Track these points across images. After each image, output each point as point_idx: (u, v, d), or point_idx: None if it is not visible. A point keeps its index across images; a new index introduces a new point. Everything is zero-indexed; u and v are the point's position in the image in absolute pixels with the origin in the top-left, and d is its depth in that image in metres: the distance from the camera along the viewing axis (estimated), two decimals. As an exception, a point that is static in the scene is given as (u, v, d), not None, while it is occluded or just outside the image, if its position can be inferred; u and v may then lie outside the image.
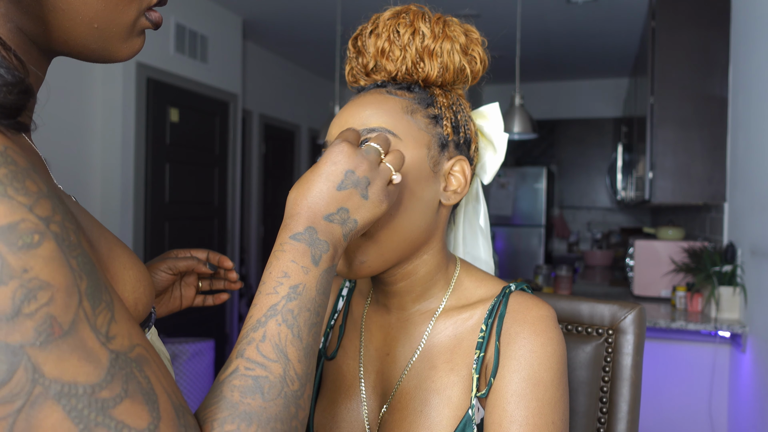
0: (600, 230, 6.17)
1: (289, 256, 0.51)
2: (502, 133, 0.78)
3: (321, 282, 0.52)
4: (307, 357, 0.49)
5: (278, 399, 0.45)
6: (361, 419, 0.72)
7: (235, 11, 4.21)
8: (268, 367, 0.46)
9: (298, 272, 0.51)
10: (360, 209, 0.56)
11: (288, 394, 0.46)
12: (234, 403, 0.44)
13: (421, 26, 0.70)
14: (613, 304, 0.84)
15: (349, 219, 0.55)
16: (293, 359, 0.47)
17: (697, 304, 2.59)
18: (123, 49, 0.55)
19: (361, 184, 0.56)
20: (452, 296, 0.74)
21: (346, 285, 0.84)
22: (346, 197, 0.55)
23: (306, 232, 0.53)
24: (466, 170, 0.72)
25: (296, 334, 0.49)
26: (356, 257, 0.66)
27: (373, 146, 0.59)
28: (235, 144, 4.26)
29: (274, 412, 0.45)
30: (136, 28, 0.55)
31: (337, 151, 0.56)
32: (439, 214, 0.71)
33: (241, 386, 0.45)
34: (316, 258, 0.52)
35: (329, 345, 0.80)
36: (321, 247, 0.53)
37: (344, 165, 0.55)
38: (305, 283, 0.51)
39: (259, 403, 0.44)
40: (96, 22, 0.52)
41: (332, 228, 0.54)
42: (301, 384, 0.48)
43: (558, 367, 0.66)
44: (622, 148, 4.56)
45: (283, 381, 0.46)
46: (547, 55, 5.11)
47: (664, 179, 2.75)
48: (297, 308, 0.49)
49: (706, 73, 2.66)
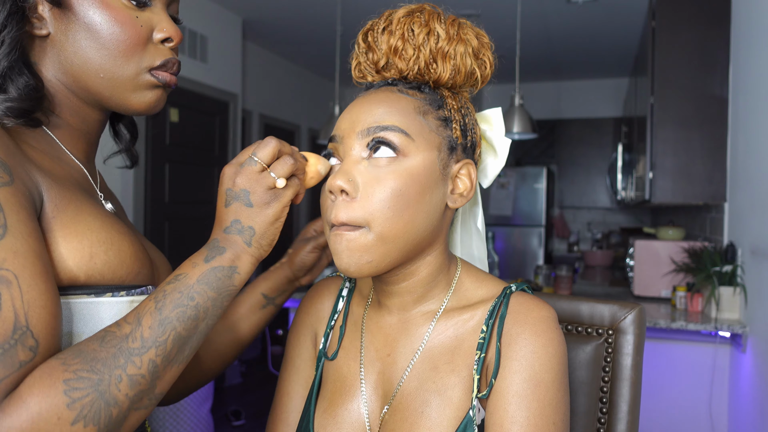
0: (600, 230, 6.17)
1: (191, 258, 0.62)
2: (504, 137, 0.78)
3: (207, 275, 0.60)
4: (160, 326, 0.57)
5: (111, 348, 0.54)
6: (362, 420, 0.72)
7: (235, 11, 4.21)
8: (121, 326, 0.56)
9: (187, 266, 0.61)
10: (250, 217, 0.63)
11: (123, 348, 0.55)
12: (80, 344, 0.54)
13: (437, 27, 0.69)
14: (613, 304, 0.84)
15: (244, 228, 0.63)
16: (144, 325, 0.56)
17: (697, 304, 2.59)
18: (133, 100, 0.68)
19: (241, 197, 0.63)
20: (453, 297, 0.73)
21: (346, 286, 0.83)
22: (234, 211, 0.63)
23: (210, 242, 0.63)
24: (473, 174, 0.72)
25: (158, 307, 0.58)
26: (363, 256, 0.65)
27: (253, 158, 0.63)
28: (235, 144, 4.26)
29: (101, 355, 0.54)
30: (141, 84, 0.67)
31: (222, 175, 0.65)
32: (444, 216, 0.71)
33: (94, 336, 0.55)
34: (209, 258, 0.62)
35: (329, 346, 0.80)
36: (217, 251, 0.62)
37: (224, 186, 0.64)
38: (188, 273, 0.60)
39: (94, 347, 0.54)
40: (101, 72, 0.66)
41: (231, 238, 0.63)
42: (143, 345, 0.56)
43: (559, 368, 0.66)
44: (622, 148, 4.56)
45: (124, 338, 0.55)
46: (548, 55, 5.10)
47: (664, 179, 2.74)
48: (171, 289, 0.59)
49: (706, 73, 2.66)
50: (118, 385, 0.53)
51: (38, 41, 0.66)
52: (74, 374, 0.51)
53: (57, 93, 0.67)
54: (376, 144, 0.66)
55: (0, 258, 0.51)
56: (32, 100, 0.63)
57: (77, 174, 0.69)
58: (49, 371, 0.51)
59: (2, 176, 0.54)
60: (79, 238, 0.60)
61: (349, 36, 4.49)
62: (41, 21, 0.65)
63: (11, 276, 0.51)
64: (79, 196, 0.64)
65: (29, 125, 0.63)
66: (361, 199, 0.65)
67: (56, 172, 0.64)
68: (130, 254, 0.65)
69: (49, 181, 0.61)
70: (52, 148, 0.68)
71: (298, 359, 0.82)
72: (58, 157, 0.67)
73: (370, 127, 0.67)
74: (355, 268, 0.66)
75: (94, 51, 0.65)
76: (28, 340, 0.51)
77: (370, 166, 0.66)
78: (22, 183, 0.56)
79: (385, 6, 0.73)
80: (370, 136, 0.66)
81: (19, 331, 0.50)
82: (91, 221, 0.62)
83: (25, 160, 0.60)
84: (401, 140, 0.66)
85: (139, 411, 0.56)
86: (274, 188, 0.63)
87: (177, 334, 0.58)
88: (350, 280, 0.84)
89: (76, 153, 0.71)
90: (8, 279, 0.50)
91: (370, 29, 0.72)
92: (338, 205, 0.65)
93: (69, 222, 0.60)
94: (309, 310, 0.84)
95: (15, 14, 0.62)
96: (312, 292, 0.86)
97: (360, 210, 0.65)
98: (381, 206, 0.64)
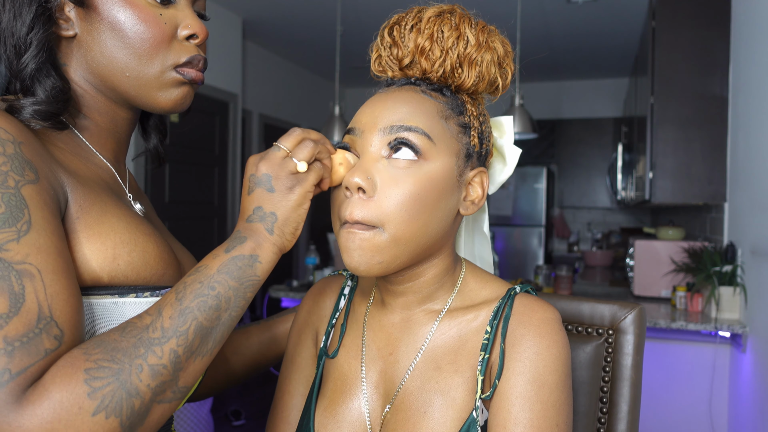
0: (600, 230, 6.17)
1: (213, 250, 0.62)
2: (514, 146, 0.77)
3: (227, 265, 0.60)
4: (181, 316, 0.57)
5: (131, 338, 0.54)
6: (363, 419, 0.72)
7: (235, 11, 4.21)
8: (142, 317, 0.56)
9: (208, 258, 0.62)
10: (272, 202, 0.63)
11: (144, 338, 0.55)
12: (102, 335, 0.55)
13: (467, 32, 0.68)
14: (613, 304, 0.84)
15: (266, 214, 0.63)
16: (165, 315, 0.56)
17: (697, 304, 2.59)
18: (160, 98, 0.68)
19: (263, 182, 0.63)
20: (457, 297, 0.73)
21: (348, 284, 0.83)
22: (256, 198, 0.64)
23: (234, 233, 0.63)
24: (485, 182, 0.71)
25: (179, 298, 0.58)
26: (374, 257, 0.65)
27: (277, 145, 0.64)
28: (235, 144, 4.26)
29: (122, 345, 0.54)
30: (167, 81, 0.68)
31: (247, 164, 0.66)
32: (455, 221, 0.71)
33: (116, 327, 0.56)
34: (229, 249, 0.62)
35: (330, 343, 0.80)
36: (238, 241, 0.62)
37: (248, 172, 0.65)
38: (208, 264, 0.61)
39: (115, 337, 0.54)
40: (127, 71, 0.66)
41: (253, 226, 0.63)
42: (164, 335, 0.55)
43: (563, 370, 0.66)
44: (622, 148, 4.56)
45: (145, 328, 0.55)
46: (548, 55, 5.10)
47: (664, 179, 2.75)
48: (191, 280, 0.59)
49: (706, 73, 2.66)
50: (139, 375, 0.53)
51: (65, 42, 0.67)
52: (95, 363, 0.51)
53: (85, 93, 0.68)
54: (398, 144, 0.65)
55: (23, 253, 0.51)
56: (59, 103, 0.63)
57: (105, 175, 0.69)
58: (71, 361, 0.51)
59: (28, 174, 0.55)
60: (102, 239, 0.61)
61: (349, 36, 4.49)
62: (68, 22, 0.65)
63: (34, 270, 0.51)
64: (104, 197, 0.64)
65: (56, 128, 0.64)
66: (377, 199, 0.64)
67: (83, 173, 0.64)
68: (154, 255, 0.65)
69: (74, 182, 0.61)
70: (80, 148, 0.68)
71: (299, 357, 0.82)
72: (86, 158, 0.68)
73: (393, 125, 0.66)
74: (365, 268, 0.65)
75: (119, 50, 0.65)
76: (52, 329, 0.51)
77: (390, 166, 0.65)
78: (47, 182, 0.57)
79: (386, 6, 0.72)
80: (393, 134, 0.66)
81: (43, 320, 0.50)
82: (115, 222, 0.62)
83: (52, 161, 0.60)
84: (424, 143, 0.65)
85: (163, 405, 0.55)
86: (297, 173, 0.64)
87: (198, 324, 0.57)
88: (353, 279, 0.84)
89: (104, 153, 0.71)
90: (31, 273, 0.51)
91: (397, 24, 0.70)
92: (354, 203, 0.64)
93: (93, 223, 0.61)
94: (311, 309, 0.84)
95: (41, 16, 0.63)
96: (314, 290, 0.85)
97: (376, 210, 0.64)
98: (397, 209, 0.64)
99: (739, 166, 2.45)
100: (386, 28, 0.71)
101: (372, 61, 0.74)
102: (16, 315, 0.49)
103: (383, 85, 0.73)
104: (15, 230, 0.52)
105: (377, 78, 0.75)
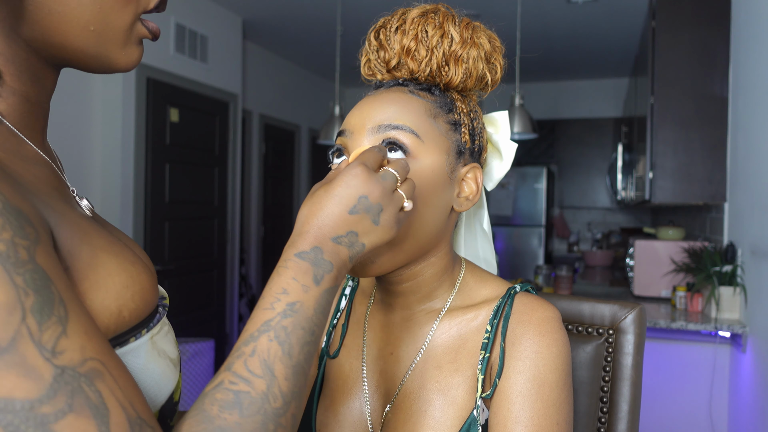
0: (600, 230, 6.17)
1: (291, 273, 0.51)
2: (510, 141, 0.78)
3: (320, 302, 0.51)
4: (295, 375, 0.48)
5: (257, 416, 0.44)
6: (364, 418, 0.72)
7: (235, 11, 4.21)
8: (252, 382, 0.46)
9: (297, 290, 0.50)
10: (369, 234, 0.55)
11: (268, 411, 0.45)
12: (211, 417, 0.44)
13: (451, 29, 0.68)
14: (613, 304, 0.84)
15: (357, 242, 0.55)
16: (279, 376, 0.47)
17: (697, 304, 2.59)
18: (121, 56, 0.55)
19: (373, 210, 0.55)
20: (457, 296, 0.74)
21: (348, 284, 0.83)
22: (356, 221, 0.55)
23: (312, 252, 0.52)
24: (479, 178, 0.71)
25: (286, 351, 0.48)
26: (368, 257, 0.65)
27: (391, 172, 0.58)
28: (235, 144, 4.26)
29: (249, 428, 0.44)
30: (134, 35, 0.55)
31: (353, 175, 0.55)
32: (449, 218, 0.71)
33: (222, 400, 0.44)
34: (318, 277, 0.51)
35: (332, 344, 0.80)
36: (325, 267, 0.52)
37: (359, 190, 0.55)
38: (303, 302, 0.50)
39: (236, 419, 0.44)
40: (92, 25, 0.51)
41: (339, 249, 0.54)
42: (285, 402, 0.46)
43: (563, 368, 0.66)
44: (622, 148, 4.56)
45: (264, 398, 0.45)
46: (547, 55, 5.10)
47: (664, 179, 2.75)
48: (291, 325, 0.49)
49: (706, 73, 2.66)
50: None
51: None
52: None
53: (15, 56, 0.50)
54: (387, 145, 0.66)
55: (77, 345, 0.39)
56: None
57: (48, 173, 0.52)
58: None
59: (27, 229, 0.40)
60: (102, 291, 0.47)
61: (349, 36, 4.49)
62: None
63: (99, 365, 0.40)
64: (81, 222, 0.49)
65: None
66: None
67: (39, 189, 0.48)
68: (149, 287, 0.53)
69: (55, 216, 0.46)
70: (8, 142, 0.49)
71: None
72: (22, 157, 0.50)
73: (381, 125, 0.66)
74: (360, 269, 0.66)
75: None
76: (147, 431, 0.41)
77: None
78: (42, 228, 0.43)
79: (386, 6, 0.72)
80: (380, 133, 0.66)
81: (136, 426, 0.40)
82: (107, 261, 0.48)
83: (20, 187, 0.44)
84: (412, 141, 0.66)
85: None
86: (402, 210, 0.59)
87: (306, 376, 0.50)
88: (353, 279, 0.84)
89: (35, 139, 0.53)
90: (98, 370, 0.40)
91: (383, 27, 0.71)
92: None
93: (87, 270, 0.46)
94: None
95: None
96: None
97: None
98: None
99: (739, 166, 2.45)
100: (373, 32, 0.72)
101: (362, 65, 0.75)
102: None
103: (373, 88, 0.74)
104: (56, 319, 0.39)
105: (368, 82, 0.76)
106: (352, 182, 0.55)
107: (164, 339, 0.55)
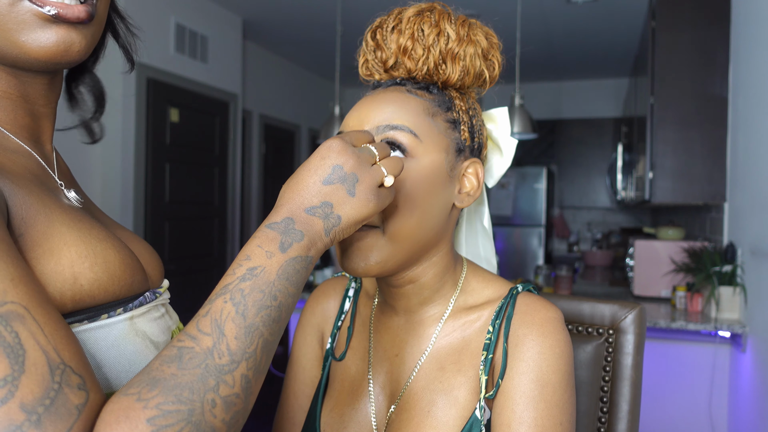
0: (600, 230, 6.18)
1: (257, 241, 0.51)
2: (510, 137, 0.78)
3: (285, 269, 0.51)
4: (248, 336, 0.47)
5: (195, 369, 0.44)
6: (369, 419, 0.72)
7: (235, 11, 4.21)
8: (199, 339, 0.46)
9: (261, 256, 0.50)
10: (344, 205, 0.55)
11: (210, 366, 0.45)
12: (149, 370, 0.44)
13: (447, 27, 0.68)
14: (613, 303, 0.84)
15: (332, 214, 0.54)
16: (229, 335, 0.46)
17: (697, 304, 2.59)
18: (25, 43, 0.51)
19: (348, 181, 0.55)
20: (460, 298, 0.74)
21: (352, 286, 0.83)
22: (331, 192, 0.54)
23: (282, 222, 0.52)
24: (480, 173, 0.72)
25: (240, 312, 0.47)
26: (370, 256, 0.65)
27: (369, 147, 0.58)
28: (235, 144, 4.26)
29: (186, 380, 0.43)
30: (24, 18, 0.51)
31: (327, 146, 0.55)
32: (450, 216, 0.71)
33: (164, 356, 0.44)
34: (285, 245, 0.51)
35: (337, 346, 0.80)
36: (294, 236, 0.52)
37: (333, 160, 0.55)
38: (265, 267, 0.50)
39: (172, 371, 0.43)
40: None
41: (313, 221, 0.53)
42: (232, 360, 0.46)
43: (566, 369, 0.66)
44: (622, 148, 4.56)
45: (208, 353, 0.45)
46: (547, 55, 5.11)
47: (664, 179, 2.75)
48: (249, 288, 0.48)
49: (706, 73, 2.67)
50: (213, 410, 0.44)
51: None
52: (158, 410, 0.41)
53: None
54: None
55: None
56: None
57: (30, 163, 0.55)
58: (124, 414, 0.41)
59: None
60: (55, 257, 0.48)
61: (349, 36, 4.49)
62: None
63: (20, 309, 0.40)
64: (45, 199, 0.51)
65: None
66: None
67: (11, 169, 0.51)
68: (118, 264, 0.53)
69: (10, 185, 0.48)
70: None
71: (304, 359, 0.82)
72: (3, 147, 0.53)
73: (379, 126, 0.66)
74: (363, 269, 0.65)
75: None
76: (71, 378, 0.41)
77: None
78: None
79: (386, 6, 0.72)
80: (379, 134, 0.66)
81: (57, 370, 0.40)
82: (65, 233, 0.50)
83: None
84: (410, 141, 0.66)
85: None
86: (381, 186, 0.58)
87: (264, 341, 0.48)
88: (356, 280, 0.84)
89: (19, 133, 0.56)
90: (19, 313, 0.40)
91: (379, 27, 0.71)
92: None
93: (41, 238, 0.48)
94: (315, 310, 0.84)
95: None
96: (317, 292, 0.86)
97: None
98: (390, 207, 0.64)
99: (739, 166, 2.45)
100: (369, 32, 0.72)
101: (359, 66, 0.74)
102: (24, 373, 0.38)
103: (371, 89, 0.74)
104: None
105: (366, 82, 0.76)
106: (326, 153, 0.55)
107: (151, 323, 0.56)
